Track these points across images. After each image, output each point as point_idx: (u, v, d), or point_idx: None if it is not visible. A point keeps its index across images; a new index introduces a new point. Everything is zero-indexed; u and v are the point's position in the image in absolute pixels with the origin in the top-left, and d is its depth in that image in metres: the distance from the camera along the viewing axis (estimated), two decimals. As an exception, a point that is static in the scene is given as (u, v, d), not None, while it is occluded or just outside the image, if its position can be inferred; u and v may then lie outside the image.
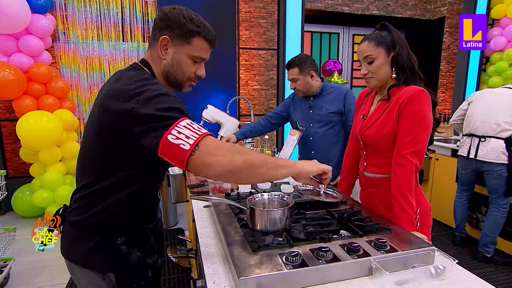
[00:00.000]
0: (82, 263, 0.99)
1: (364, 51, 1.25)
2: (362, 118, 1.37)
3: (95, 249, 0.95)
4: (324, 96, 2.03)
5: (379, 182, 1.30)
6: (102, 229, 0.96)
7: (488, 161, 2.51)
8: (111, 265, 0.96)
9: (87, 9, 3.63)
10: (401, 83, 1.23)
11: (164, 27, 0.97)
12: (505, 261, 2.64)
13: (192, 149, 0.78)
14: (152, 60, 1.02)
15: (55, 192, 3.25)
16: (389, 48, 1.22)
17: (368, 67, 1.26)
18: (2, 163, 3.65)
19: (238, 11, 4.13)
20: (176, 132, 0.79)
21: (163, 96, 0.84)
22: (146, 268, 1.02)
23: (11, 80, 2.94)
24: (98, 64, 3.76)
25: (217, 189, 1.47)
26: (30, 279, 2.38)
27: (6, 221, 3.46)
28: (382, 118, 1.25)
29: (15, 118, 3.28)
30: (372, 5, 4.73)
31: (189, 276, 2.39)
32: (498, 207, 2.59)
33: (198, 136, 0.80)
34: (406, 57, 1.22)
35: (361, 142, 1.34)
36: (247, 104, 4.37)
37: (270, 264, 0.82)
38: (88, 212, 0.95)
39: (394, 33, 1.24)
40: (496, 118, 2.50)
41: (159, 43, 0.98)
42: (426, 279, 0.85)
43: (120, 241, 0.97)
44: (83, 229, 0.97)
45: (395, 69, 1.24)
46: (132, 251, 0.98)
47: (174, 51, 0.99)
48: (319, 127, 2.02)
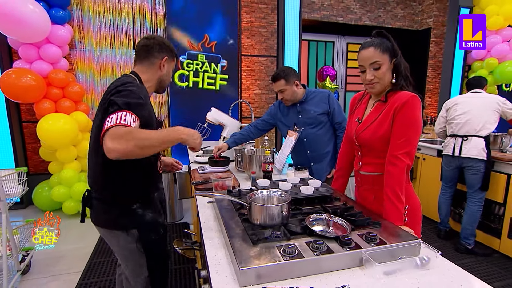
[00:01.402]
0: (111, 227, 1.23)
1: (372, 57, 1.18)
2: (357, 121, 1.33)
3: (119, 215, 1.20)
4: (310, 101, 2.05)
5: (374, 179, 1.27)
6: (121, 200, 1.20)
7: (470, 157, 2.53)
8: (132, 225, 1.21)
9: (101, 20, 3.64)
10: (398, 88, 1.21)
11: (163, 50, 1.32)
12: (484, 253, 2.64)
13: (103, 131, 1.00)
14: (144, 72, 1.31)
15: (71, 188, 3.26)
16: (391, 55, 1.19)
17: (374, 73, 1.19)
18: (24, 161, 3.66)
19: (240, 20, 4.13)
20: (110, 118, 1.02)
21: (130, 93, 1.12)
22: (158, 226, 1.29)
23: (33, 85, 2.95)
24: (111, 70, 3.76)
25: (220, 186, 1.47)
26: (49, 268, 2.38)
27: (27, 214, 3.47)
28: (378, 121, 1.22)
29: (36, 120, 3.29)
30: (365, 16, 4.73)
31: (193, 267, 2.39)
32: (474, 201, 2.60)
33: (115, 123, 1.00)
34: (403, 64, 1.21)
35: (356, 143, 1.31)
36: (248, 107, 4.38)
37: (268, 255, 0.82)
38: (108, 190, 1.20)
39: (392, 40, 1.21)
40: (477, 119, 2.53)
41: (161, 61, 1.32)
42: (412, 269, 0.85)
43: (135, 206, 1.22)
44: (107, 202, 1.21)
45: (395, 75, 1.21)
46: (146, 213, 1.24)
47: (168, 66, 1.36)
48: (311, 128, 2.04)
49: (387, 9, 4.82)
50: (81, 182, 3.34)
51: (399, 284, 0.78)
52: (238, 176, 1.86)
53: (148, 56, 1.30)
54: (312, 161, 2.09)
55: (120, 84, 1.14)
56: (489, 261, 2.56)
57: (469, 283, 0.79)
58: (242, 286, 0.76)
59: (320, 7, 4.51)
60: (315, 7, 4.48)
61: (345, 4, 4.60)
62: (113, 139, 0.97)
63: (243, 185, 1.65)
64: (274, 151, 2.29)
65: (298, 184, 1.42)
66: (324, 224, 1.02)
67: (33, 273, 2.31)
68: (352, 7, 4.65)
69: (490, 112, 2.53)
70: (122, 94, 1.09)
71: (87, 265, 2.42)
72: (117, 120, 1.00)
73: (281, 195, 1.11)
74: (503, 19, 4.07)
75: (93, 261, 2.48)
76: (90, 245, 2.74)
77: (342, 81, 5.17)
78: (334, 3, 4.55)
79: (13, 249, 2.04)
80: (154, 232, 1.27)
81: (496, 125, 2.55)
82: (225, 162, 2.00)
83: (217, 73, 3.86)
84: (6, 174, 2.00)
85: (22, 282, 2.20)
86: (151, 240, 1.25)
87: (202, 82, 3.83)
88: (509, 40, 4.18)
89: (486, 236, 2.76)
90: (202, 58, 3.78)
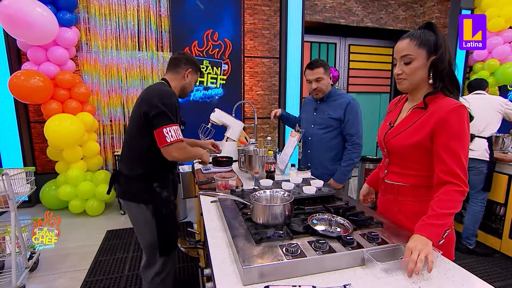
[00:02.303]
0: (134, 199, 1.50)
1: (403, 49, 1.04)
2: (389, 125, 1.19)
3: (142, 190, 1.48)
4: (329, 102, 1.98)
5: (399, 190, 1.13)
6: (144, 178, 1.48)
7: (473, 158, 2.51)
8: (150, 199, 1.48)
9: (107, 22, 3.66)
10: (437, 91, 1.04)
11: (187, 63, 1.64)
12: (485, 253, 2.63)
13: (169, 143, 1.39)
14: (172, 80, 1.63)
15: (77, 187, 3.28)
16: (431, 50, 1.02)
17: (403, 68, 1.05)
18: (32, 161, 3.69)
19: (243, 22, 4.13)
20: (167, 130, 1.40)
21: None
22: (170, 203, 1.56)
23: (41, 86, 2.97)
24: (116, 72, 3.78)
25: (223, 186, 1.48)
26: (56, 265, 2.40)
27: (35, 212, 3.50)
28: (414, 127, 1.06)
29: (43, 120, 3.32)
30: (366, 18, 4.71)
31: (197, 265, 2.40)
32: (476, 201, 2.59)
33: (177, 139, 1.41)
34: (447, 63, 1.02)
35: (385, 149, 1.18)
36: (251, 108, 4.38)
37: (271, 254, 0.82)
38: (134, 169, 1.48)
39: (439, 34, 1.03)
40: (480, 120, 2.51)
41: (185, 71, 1.63)
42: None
43: (155, 185, 1.49)
44: (133, 179, 1.49)
45: (433, 75, 1.04)
46: (163, 191, 1.52)
47: (191, 77, 1.67)
48: (318, 129, 1.99)
49: (389, 11, 4.80)
50: (87, 181, 3.36)
51: (400, 283, 0.78)
52: (241, 176, 1.86)
53: (176, 67, 1.63)
54: (310, 161, 2.06)
55: (166, 95, 1.44)
56: (490, 261, 2.54)
57: (470, 283, 0.79)
58: (245, 285, 0.76)
59: (323, 9, 4.50)
60: (317, 9, 4.47)
61: (347, 6, 4.59)
62: (176, 149, 1.41)
63: (246, 185, 1.65)
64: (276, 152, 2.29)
65: (300, 184, 1.42)
66: (327, 224, 1.02)
67: (40, 270, 2.33)
68: (354, 9, 4.64)
69: (493, 113, 2.51)
70: (169, 108, 1.41)
71: (93, 262, 2.44)
72: (176, 135, 1.40)
73: (283, 195, 1.11)
74: (504, 20, 4.04)
75: (98, 259, 2.49)
76: (96, 243, 2.76)
77: (344, 82, 5.16)
78: (336, 5, 4.54)
79: (22, 246, 2.06)
80: (166, 207, 1.53)
81: (499, 126, 2.53)
82: (228, 162, 2.00)
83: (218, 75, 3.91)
84: (14, 173, 2.02)
85: (30, 279, 2.22)
86: (162, 213, 1.51)
87: (206, 81, 3.90)
88: (510, 41, 4.15)
89: (487, 236, 2.74)
90: (206, 63, 3.84)
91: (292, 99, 4.03)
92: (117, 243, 2.78)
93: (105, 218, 3.38)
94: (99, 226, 3.13)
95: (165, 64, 3.93)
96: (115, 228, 3.07)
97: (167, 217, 1.54)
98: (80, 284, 2.16)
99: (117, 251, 2.63)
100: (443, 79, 1.03)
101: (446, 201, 0.94)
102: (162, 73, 3.94)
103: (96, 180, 3.44)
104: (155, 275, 1.58)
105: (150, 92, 1.47)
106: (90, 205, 3.35)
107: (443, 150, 0.98)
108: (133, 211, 1.52)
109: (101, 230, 3.02)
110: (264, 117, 4.51)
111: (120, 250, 2.64)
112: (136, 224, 1.55)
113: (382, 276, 0.80)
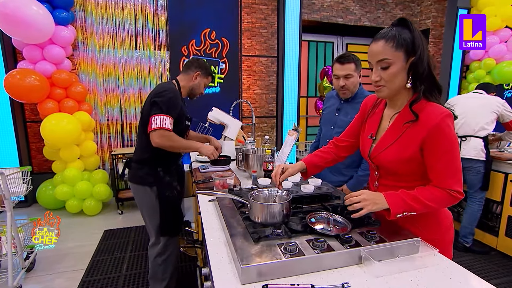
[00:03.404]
0: (141, 182, 1.68)
1: (379, 53, 0.93)
2: (370, 138, 1.08)
3: (148, 174, 1.67)
4: (354, 104, 1.75)
5: None
6: (151, 163, 1.67)
7: (469, 158, 2.52)
8: (155, 182, 1.67)
9: (104, 21, 3.63)
10: (420, 97, 0.94)
11: (198, 67, 1.80)
12: (482, 251, 2.64)
13: (152, 129, 1.56)
14: (182, 80, 1.80)
15: (74, 187, 3.26)
16: (409, 51, 0.92)
17: (381, 73, 0.95)
18: (28, 160, 3.67)
19: (241, 21, 4.12)
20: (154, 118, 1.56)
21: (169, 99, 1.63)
22: (173, 187, 1.73)
23: (37, 85, 2.95)
24: (113, 71, 3.76)
25: (221, 185, 1.47)
26: (53, 265, 2.39)
27: (31, 212, 3.48)
28: (403, 141, 0.98)
29: (40, 119, 3.29)
30: (364, 17, 4.72)
31: (195, 265, 2.40)
32: (475, 201, 2.60)
33: (160, 126, 1.55)
34: (426, 64, 0.92)
35: (372, 165, 1.10)
36: (249, 107, 4.38)
37: (270, 253, 0.82)
38: (144, 155, 1.68)
39: (415, 32, 0.92)
40: (475, 120, 2.51)
41: (194, 73, 1.80)
42: (411, 266, 0.85)
43: (159, 170, 1.68)
44: (140, 163, 1.70)
45: (412, 78, 0.94)
46: (166, 176, 1.69)
47: (200, 80, 1.82)
48: (338, 132, 1.72)
49: (386, 10, 4.81)
50: (84, 181, 3.34)
51: (398, 281, 0.78)
52: (239, 175, 1.86)
53: (187, 69, 1.80)
54: None
55: (163, 90, 1.61)
56: (486, 259, 2.56)
57: (467, 280, 0.79)
58: (244, 283, 0.76)
59: (320, 8, 4.50)
60: (315, 8, 4.47)
61: (344, 5, 4.59)
62: (159, 136, 1.55)
63: (244, 183, 1.65)
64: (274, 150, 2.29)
65: (298, 182, 1.42)
66: (325, 222, 1.01)
67: (37, 270, 2.31)
68: (352, 8, 4.64)
69: (488, 113, 2.50)
70: (163, 100, 1.57)
71: (90, 262, 2.43)
72: (161, 123, 1.54)
73: (282, 194, 1.11)
74: (500, 20, 4.06)
75: (96, 259, 2.48)
76: (93, 243, 2.75)
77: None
78: (333, 4, 4.54)
79: (18, 246, 2.04)
80: (169, 190, 1.70)
81: (494, 126, 2.54)
82: (226, 161, 2.00)
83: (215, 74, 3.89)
84: (10, 173, 2.00)
85: (27, 279, 2.20)
86: (165, 195, 1.68)
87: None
88: (507, 40, 4.17)
89: (484, 234, 2.76)
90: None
91: (290, 98, 4.03)
92: (115, 242, 2.77)
93: (102, 217, 3.36)
94: (96, 225, 3.11)
95: (162, 63, 3.91)
96: (112, 227, 3.05)
97: (170, 200, 1.70)
98: (77, 284, 2.14)
99: (115, 251, 2.62)
100: (423, 82, 0.94)
101: (430, 193, 0.93)
102: (160, 72, 3.93)
103: (93, 180, 3.42)
104: (157, 255, 1.75)
105: (156, 87, 1.68)
106: (87, 205, 3.33)
107: (437, 162, 0.93)
108: (139, 194, 1.70)
109: (98, 229, 3.01)
110: (261, 116, 4.51)
111: (117, 250, 2.63)
112: (142, 206, 1.73)
113: (381, 274, 0.80)
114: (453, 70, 4.48)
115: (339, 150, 1.31)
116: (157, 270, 1.76)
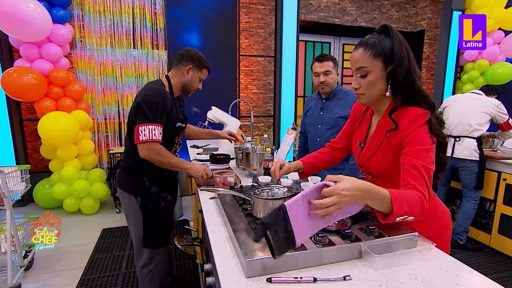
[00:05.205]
0: (125, 190, 1.58)
1: (357, 60, 0.94)
2: (359, 146, 1.09)
3: (133, 183, 1.55)
4: (337, 100, 1.90)
5: None
6: (136, 171, 1.55)
7: (463, 158, 2.56)
8: (139, 192, 1.54)
9: (101, 19, 3.62)
10: (399, 106, 0.93)
11: (189, 59, 1.57)
12: (476, 247, 2.70)
13: (141, 141, 1.42)
14: (173, 76, 1.61)
15: (72, 186, 3.25)
16: (387, 60, 0.91)
17: (360, 81, 0.95)
18: (25, 159, 3.64)
19: (239, 21, 4.14)
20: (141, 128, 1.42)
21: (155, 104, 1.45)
22: (159, 199, 1.57)
23: (34, 83, 2.93)
24: (111, 69, 3.75)
25: (222, 183, 1.49)
26: (52, 263, 2.38)
27: (28, 211, 3.46)
28: (384, 147, 0.99)
29: (36, 118, 3.27)
30: (360, 18, 4.77)
31: (194, 262, 2.41)
32: (470, 199, 2.64)
33: (149, 139, 1.41)
34: (405, 73, 0.91)
35: (364, 170, 1.11)
36: (247, 106, 4.39)
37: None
38: (129, 162, 1.56)
39: (396, 40, 0.91)
40: (468, 120, 2.55)
41: (185, 68, 1.58)
42: (409, 260, 0.87)
43: (144, 179, 1.54)
44: (125, 170, 1.59)
45: (391, 87, 0.93)
46: (152, 186, 1.55)
47: (192, 74, 1.60)
48: (327, 129, 1.91)
49: (382, 11, 4.86)
50: (82, 180, 3.33)
51: (397, 274, 0.81)
52: (239, 173, 1.87)
53: (178, 63, 1.60)
54: None
55: (150, 94, 1.45)
56: (480, 255, 2.61)
57: (463, 272, 0.82)
58: (248, 277, 0.78)
59: (317, 9, 4.53)
60: (312, 8, 4.50)
61: (341, 6, 4.63)
62: (148, 149, 1.43)
63: (244, 181, 1.67)
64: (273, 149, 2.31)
65: (298, 180, 1.44)
66: None
67: (36, 269, 2.31)
68: (348, 9, 4.68)
69: (482, 114, 2.53)
70: (150, 107, 1.41)
71: (89, 261, 2.43)
72: (150, 135, 1.40)
73: (283, 191, 1.13)
74: (494, 22, 4.13)
75: (94, 257, 2.48)
76: (91, 241, 2.74)
77: (338, 82, 5.22)
78: (330, 5, 4.58)
79: (17, 245, 2.04)
80: (155, 203, 1.55)
81: (487, 127, 2.57)
82: (226, 159, 2.02)
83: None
84: (9, 171, 2.00)
85: (26, 278, 2.20)
86: (149, 208, 1.54)
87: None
88: (500, 42, 4.25)
89: (477, 231, 2.81)
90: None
91: (287, 98, 4.05)
92: (113, 241, 2.77)
93: (100, 216, 3.35)
94: (94, 224, 3.11)
95: (160, 62, 3.91)
96: (110, 226, 3.05)
97: (155, 213, 1.55)
98: (76, 282, 2.15)
99: (113, 249, 2.62)
100: (403, 90, 0.92)
101: (413, 205, 0.85)
102: (157, 71, 3.92)
103: (91, 179, 3.41)
104: (143, 265, 1.63)
105: (141, 90, 1.53)
106: (85, 204, 3.32)
107: (408, 164, 0.89)
108: (125, 201, 1.60)
109: (96, 228, 3.00)
110: (259, 115, 4.53)
111: (116, 248, 2.64)
112: (127, 213, 1.63)
113: (380, 267, 0.83)
114: (448, 71, 4.55)
115: (335, 152, 1.34)
116: (144, 280, 1.65)
